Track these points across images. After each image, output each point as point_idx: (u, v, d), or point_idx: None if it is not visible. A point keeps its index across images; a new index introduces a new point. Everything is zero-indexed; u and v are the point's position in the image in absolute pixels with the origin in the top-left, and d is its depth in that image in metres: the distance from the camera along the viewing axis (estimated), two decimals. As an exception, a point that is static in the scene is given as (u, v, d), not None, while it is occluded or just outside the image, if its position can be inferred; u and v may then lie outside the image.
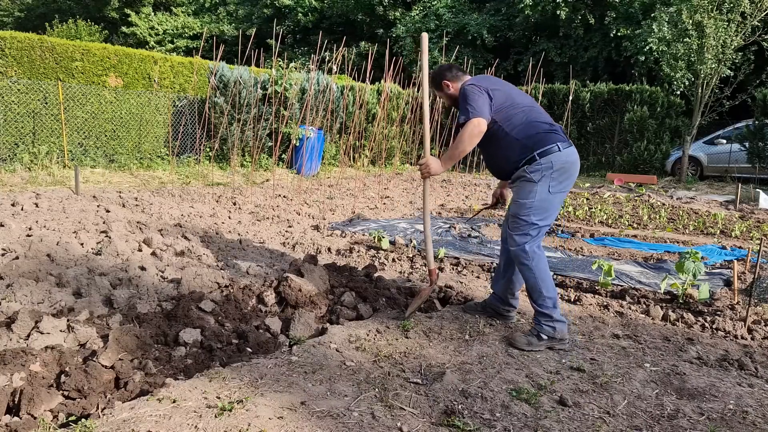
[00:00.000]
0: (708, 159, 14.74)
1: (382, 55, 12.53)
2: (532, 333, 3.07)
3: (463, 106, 3.05)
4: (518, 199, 3.09)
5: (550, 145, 3.01)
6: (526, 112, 3.11)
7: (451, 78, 3.27)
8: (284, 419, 2.10)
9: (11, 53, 9.23)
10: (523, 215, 3.04)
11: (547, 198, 3.02)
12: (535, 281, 3.05)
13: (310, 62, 10.46)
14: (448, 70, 3.30)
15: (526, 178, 3.04)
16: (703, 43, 12.84)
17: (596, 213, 7.99)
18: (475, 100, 3.01)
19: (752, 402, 2.50)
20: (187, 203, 7.21)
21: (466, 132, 2.97)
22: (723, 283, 4.46)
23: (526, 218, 3.04)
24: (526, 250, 3.04)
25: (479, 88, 3.05)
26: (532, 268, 3.05)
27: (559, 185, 3.05)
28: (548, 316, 3.01)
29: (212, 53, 10.96)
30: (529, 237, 3.04)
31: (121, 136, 10.61)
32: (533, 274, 3.05)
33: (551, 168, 2.99)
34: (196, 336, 2.86)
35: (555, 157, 3.00)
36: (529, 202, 3.03)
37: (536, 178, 3.01)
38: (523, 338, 3.04)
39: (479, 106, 2.99)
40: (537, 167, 3.00)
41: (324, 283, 3.72)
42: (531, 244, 3.05)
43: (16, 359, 2.36)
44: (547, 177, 3.00)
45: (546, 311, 3.02)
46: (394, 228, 6.43)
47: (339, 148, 13.36)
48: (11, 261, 3.79)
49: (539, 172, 3.00)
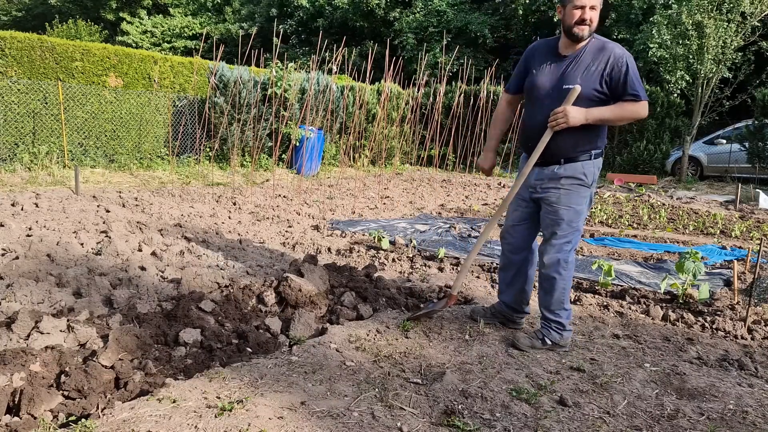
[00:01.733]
0: (708, 159, 14.74)
1: (382, 55, 12.53)
2: (537, 336, 2.99)
3: (634, 80, 2.69)
4: (571, 205, 2.84)
5: (602, 149, 2.89)
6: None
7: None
8: (284, 419, 2.10)
9: (11, 53, 9.23)
10: (576, 223, 2.85)
11: (590, 204, 2.92)
12: (562, 292, 2.92)
13: (310, 62, 10.45)
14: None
15: (582, 181, 2.83)
16: (703, 43, 12.85)
17: (596, 213, 7.99)
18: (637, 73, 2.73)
19: (752, 402, 2.50)
20: (187, 203, 7.21)
21: (637, 112, 2.71)
22: (723, 283, 4.46)
23: (577, 226, 2.86)
24: (568, 260, 2.88)
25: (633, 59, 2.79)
26: (565, 278, 2.90)
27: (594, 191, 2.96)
28: (561, 324, 2.95)
29: (212, 53, 10.97)
30: (571, 245, 2.90)
31: (121, 136, 10.60)
32: (565, 284, 2.91)
33: (597, 173, 2.88)
34: (196, 336, 2.86)
35: (599, 162, 2.89)
36: (583, 209, 2.86)
37: (590, 182, 2.85)
38: (527, 340, 2.97)
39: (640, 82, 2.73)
40: (591, 169, 2.84)
41: (324, 283, 3.71)
42: (572, 253, 2.92)
43: (16, 359, 2.35)
44: (595, 182, 2.88)
45: (560, 320, 2.94)
46: (394, 228, 6.43)
47: (339, 148, 13.36)
48: (11, 261, 3.79)
49: (593, 175, 2.84)
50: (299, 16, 24.95)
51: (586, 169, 2.82)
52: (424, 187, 11.11)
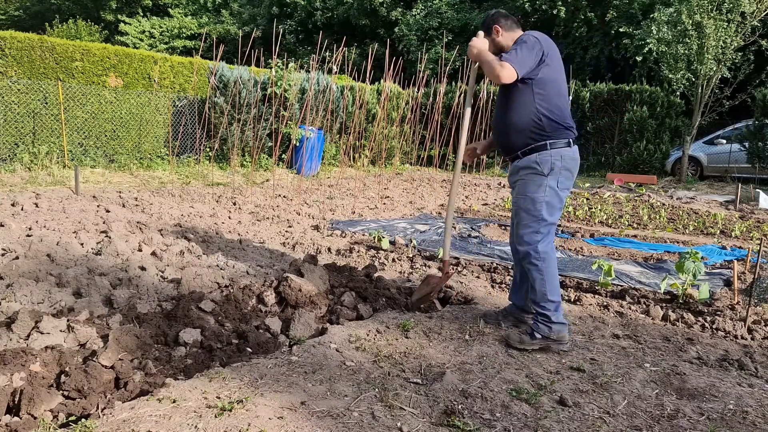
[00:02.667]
0: (708, 159, 14.74)
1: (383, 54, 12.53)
2: (526, 331, 3.02)
3: (514, 48, 2.88)
4: (527, 193, 2.97)
5: (562, 139, 2.94)
6: (563, 100, 2.99)
7: (504, 25, 3.10)
8: (284, 419, 2.10)
9: (11, 53, 9.23)
10: (535, 211, 2.93)
11: (555, 194, 2.94)
12: (542, 284, 2.95)
13: (310, 62, 10.45)
14: (505, 18, 3.13)
15: (536, 170, 2.93)
16: (703, 43, 12.85)
17: (596, 213, 7.99)
18: (525, 53, 2.84)
19: (752, 402, 2.50)
20: (187, 203, 7.21)
21: (496, 68, 2.81)
22: (723, 283, 4.45)
23: (537, 214, 2.93)
24: (538, 250, 2.93)
25: (539, 47, 2.88)
26: (541, 270, 2.94)
27: (565, 182, 2.97)
28: (546, 317, 2.95)
29: (212, 53, 10.97)
30: (541, 235, 2.94)
31: (121, 136, 10.61)
32: (541, 275, 2.94)
33: (560, 162, 2.92)
34: (196, 336, 2.86)
35: (564, 152, 2.93)
36: (540, 197, 2.92)
37: (546, 171, 2.92)
38: (516, 336, 3.00)
39: (523, 59, 2.83)
40: (547, 158, 2.91)
41: (324, 283, 3.71)
42: (543, 244, 2.95)
43: (16, 359, 2.35)
44: (556, 172, 2.92)
45: (545, 312, 2.95)
46: (394, 228, 6.43)
47: (339, 148, 13.36)
48: (11, 261, 3.79)
49: (548, 164, 2.91)
50: (299, 15, 24.95)
51: (540, 158, 2.92)
52: (424, 187, 11.11)
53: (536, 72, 2.89)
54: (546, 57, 2.89)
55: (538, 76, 2.90)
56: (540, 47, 2.88)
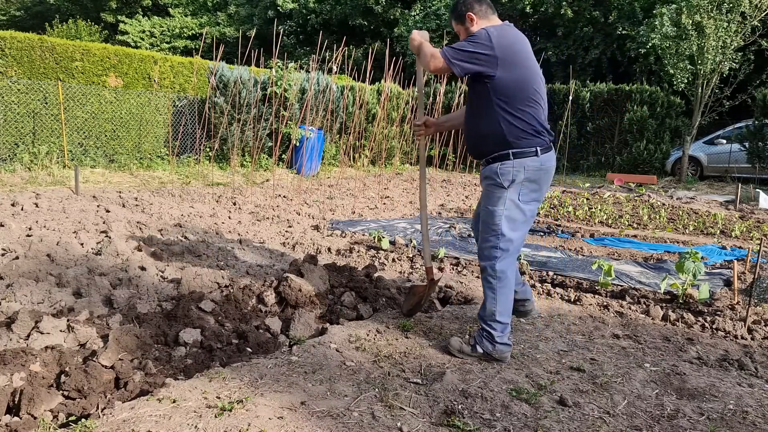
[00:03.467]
0: (708, 159, 14.74)
1: (382, 54, 12.54)
2: (469, 342, 2.86)
3: (466, 44, 2.64)
4: (488, 206, 2.79)
5: (528, 149, 2.71)
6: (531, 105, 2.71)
7: (478, 12, 2.82)
8: (284, 419, 2.10)
9: (11, 53, 9.23)
10: (494, 225, 2.74)
11: (516, 207, 2.74)
12: (492, 303, 2.76)
13: (310, 62, 10.45)
14: (479, 3, 2.82)
15: (495, 182, 2.75)
16: (703, 43, 12.85)
17: (596, 213, 7.99)
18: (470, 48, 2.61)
19: (752, 402, 2.50)
20: (187, 203, 7.21)
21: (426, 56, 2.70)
22: (723, 283, 4.46)
23: (497, 229, 2.73)
24: (495, 269, 2.74)
25: (490, 45, 2.59)
26: (495, 289, 2.75)
27: (530, 194, 2.77)
28: (491, 336, 2.77)
29: (212, 53, 10.97)
30: (500, 252, 2.74)
31: (121, 136, 10.61)
32: (494, 294, 2.76)
33: (523, 174, 2.71)
34: (196, 336, 2.86)
35: (529, 162, 2.71)
36: (499, 210, 2.73)
37: (506, 184, 2.72)
38: (457, 344, 2.85)
39: (464, 53, 2.60)
40: (509, 169, 2.70)
41: (324, 283, 3.72)
42: (502, 263, 2.75)
43: (16, 359, 2.36)
44: (517, 184, 2.72)
45: (491, 332, 2.77)
46: (394, 228, 6.43)
47: (339, 148, 13.36)
48: (11, 261, 3.79)
49: (509, 176, 2.71)
50: (295, 19, 24.98)
51: (502, 169, 2.72)
52: (424, 187, 11.09)
53: (491, 72, 2.63)
54: (502, 56, 2.61)
55: (496, 77, 2.64)
56: (490, 45, 2.59)
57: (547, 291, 4.09)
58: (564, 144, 15.42)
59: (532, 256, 5.12)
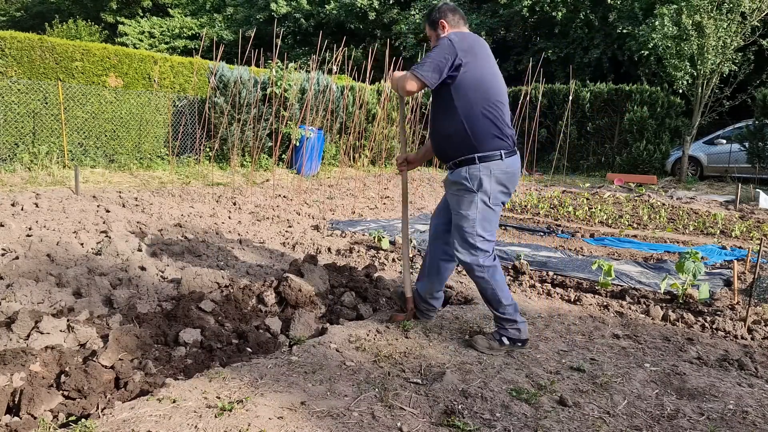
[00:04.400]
0: (708, 159, 14.74)
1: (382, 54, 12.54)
2: (494, 337, 2.94)
3: (429, 56, 2.75)
4: (460, 211, 2.85)
5: (492, 152, 2.78)
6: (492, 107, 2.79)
7: (450, 21, 2.95)
8: (284, 419, 2.10)
9: (11, 53, 9.24)
10: (470, 229, 2.82)
11: (488, 209, 2.83)
12: (493, 292, 2.88)
13: (310, 62, 10.45)
14: (452, 13, 2.96)
15: (464, 186, 2.81)
16: (703, 43, 12.85)
17: (596, 213, 7.99)
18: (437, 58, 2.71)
19: (752, 402, 2.50)
20: (187, 203, 7.21)
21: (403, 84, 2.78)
22: (723, 283, 4.46)
23: (472, 231, 2.82)
24: (481, 264, 2.84)
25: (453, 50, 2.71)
26: (488, 280, 2.85)
27: (499, 196, 2.84)
28: (512, 320, 2.89)
29: (212, 53, 10.97)
30: (479, 251, 2.83)
31: (121, 136, 10.61)
32: (491, 285, 2.86)
33: (489, 177, 2.78)
34: (196, 336, 2.86)
35: (495, 165, 2.78)
36: (473, 214, 2.81)
37: (475, 187, 2.79)
38: (484, 341, 2.92)
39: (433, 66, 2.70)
40: (476, 173, 2.78)
41: (324, 283, 3.72)
42: (484, 257, 2.85)
43: (16, 359, 2.35)
44: (486, 186, 2.79)
45: (509, 317, 2.89)
46: (394, 228, 6.43)
47: (339, 148, 13.36)
48: (11, 261, 3.79)
49: (477, 180, 2.78)
50: (290, 20, 25.01)
51: (470, 173, 2.79)
52: (424, 187, 11.11)
53: (453, 75, 2.74)
54: (463, 60, 2.72)
55: (456, 80, 2.74)
56: (453, 50, 2.71)
57: (547, 291, 4.09)
58: (564, 144, 15.43)
59: (532, 256, 5.12)
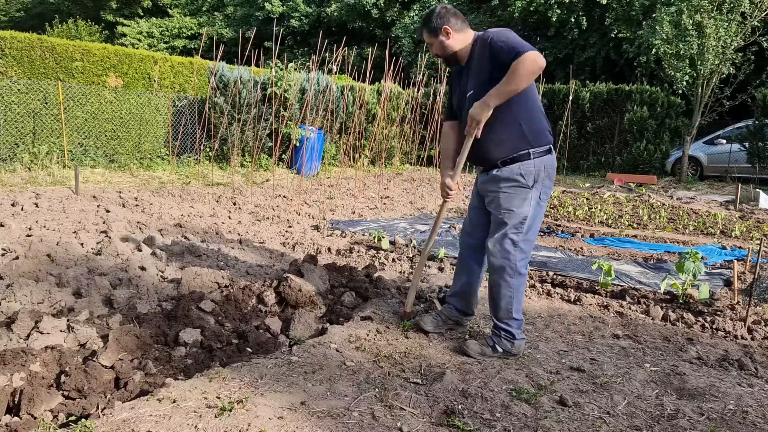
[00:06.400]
0: (708, 159, 14.74)
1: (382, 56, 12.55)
2: (488, 343, 2.87)
3: (508, 44, 2.56)
4: (512, 208, 2.73)
5: (546, 146, 2.73)
6: (536, 99, 2.74)
7: (454, 25, 2.79)
8: (284, 419, 2.10)
9: (11, 53, 9.23)
10: (519, 226, 2.72)
11: (539, 205, 2.75)
12: (510, 302, 2.79)
13: (310, 63, 10.45)
14: (455, 17, 2.79)
15: (519, 183, 2.71)
16: (703, 43, 12.85)
17: (596, 213, 7.99)
18: (520, 39, 2.56)
19: (752, 402, 2.50)
20: (187, 203, 7.21)
21: (526, 65, 2.46)
22: (723, 283, 4.46)
23: (520, 228, 2.72)
24: (516, 267, 2.74)
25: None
26: (512, 287, 2.77)
27: (548, 191, 2.79)
28: (510, 334, 2.83)
29: (212, 53, 10.97)
30: (520, 252, 2.74)
31: (121, 136, 10.61)
32: (511, 293, 2.78)
33: (543, 172, 2.72)
34: (196, 336, 2.86)
35: (547, 160, 2.73)
36: (525, 211, 2.71)
37: (530, 183, 2.70)
38: (477, 347, 2.85)
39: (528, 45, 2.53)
40: (530, 168, 2.69)
41: (324, 283, 3.72)
42: (522, 261, 2.76)
43: (16, 359, 2.35)
44: (539, 182, 2.72)
45: (510, 330, 2.83)
46: (394, 228, 6.43)
47: (339, 148, 13.36)
48: (11, 261, 3.79)
49: (532, 176, 2.69)
50: (287, 20, 25.05)
51: (523, 169, 2.70)
52: (424, 187, 11.11)
53: None
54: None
55: None
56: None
57: (547, 291, 4.09)
58: (564, 144, 15.42)
59: (532, 256, 5.12)
